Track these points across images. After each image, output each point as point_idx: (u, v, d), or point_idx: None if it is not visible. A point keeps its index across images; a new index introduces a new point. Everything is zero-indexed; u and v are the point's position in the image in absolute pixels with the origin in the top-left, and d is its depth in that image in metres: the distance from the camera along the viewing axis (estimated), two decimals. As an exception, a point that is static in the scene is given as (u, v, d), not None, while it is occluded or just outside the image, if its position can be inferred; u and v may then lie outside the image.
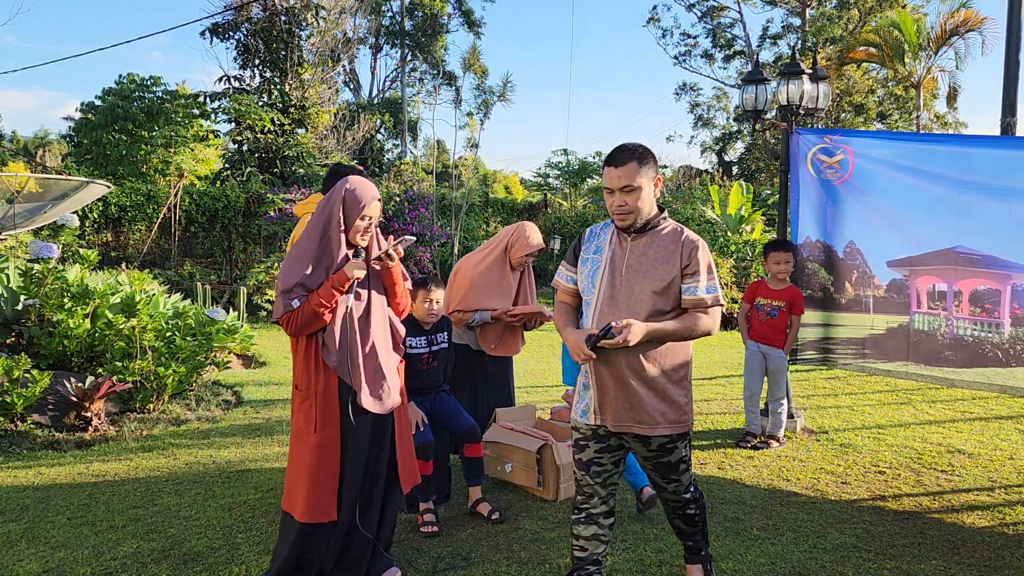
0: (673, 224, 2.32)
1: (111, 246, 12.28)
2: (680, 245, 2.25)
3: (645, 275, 2.22)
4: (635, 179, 2.20)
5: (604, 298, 2.25)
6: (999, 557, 2.92)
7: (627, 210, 2.22)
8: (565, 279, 2.43)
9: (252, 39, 13.98)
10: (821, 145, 4.54)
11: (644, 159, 2.23)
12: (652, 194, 2.26)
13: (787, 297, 4.38)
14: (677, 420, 2.26)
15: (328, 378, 2.47)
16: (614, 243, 2.31)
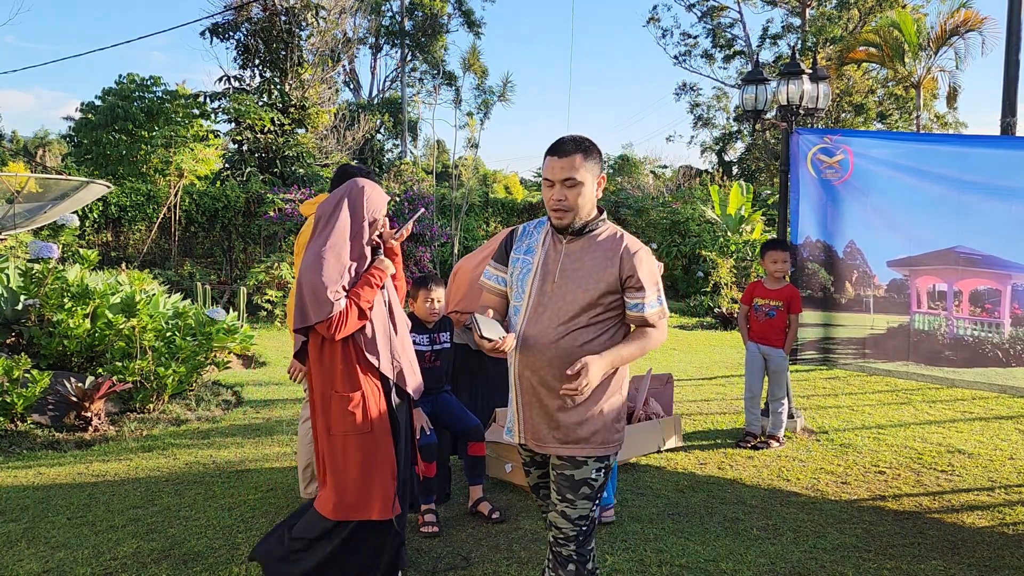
0: (612, 228, 2.11)
1: (111, 246, 12.28)
2: (619, 254, 2.03)
3: (579, 283, 2.02)
4: (578, 172, 2.00)
5: (534, 305, 2.05)
6: (999, 557, 2.92)
7: (566, 206, 2.01)
8: (493, 279, 2.21)
9: (252, 39, 13.98)
10: (821, 145, 4.54)
11: (589, 153, 2.03)
12: (595, 193, 2.06)
13: (784, 296, 4.38)
14: (602, 441, 2.04)
15: (372, 375, 2.45)
16: (547, 245, 2.10)
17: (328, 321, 2.31)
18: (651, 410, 4.38)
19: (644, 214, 14.63)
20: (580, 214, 2.04)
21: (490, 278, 2.22)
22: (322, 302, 2.31)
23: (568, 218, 2.03)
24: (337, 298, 2.32)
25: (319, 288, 2.31)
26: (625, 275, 2.03)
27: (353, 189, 2.48)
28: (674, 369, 6.61)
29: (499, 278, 2.19)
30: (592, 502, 2.05)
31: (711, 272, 11.21)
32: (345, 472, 2.41)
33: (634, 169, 21.48)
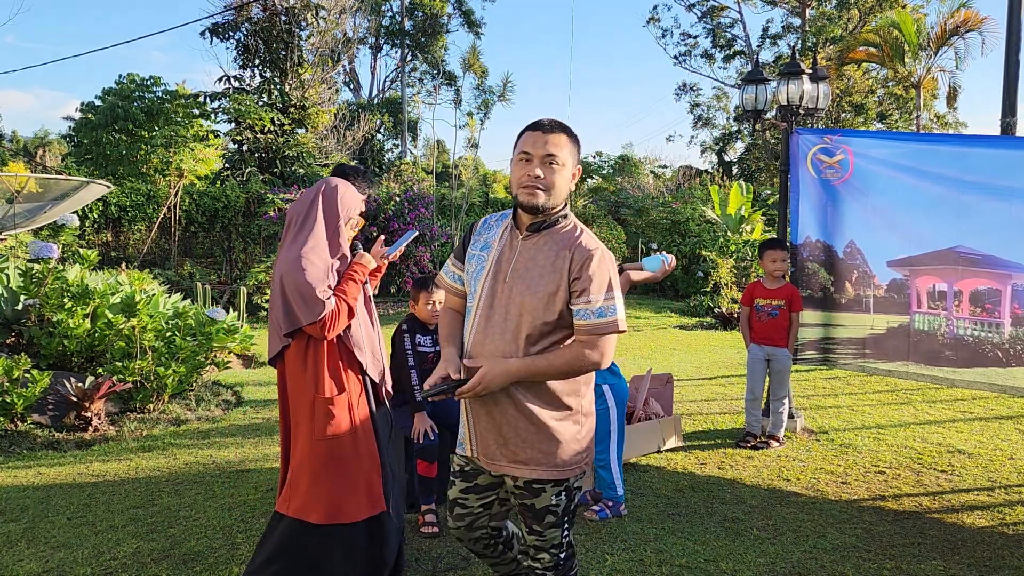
0: (574, 223, 1.89)
1: (111, 246, 12.28)
2: (571, 251, 1.81)
3: (528, 284, 1.80)
4: (561, 152, 1.81)
5: (482, 309, 1.85)
6: (999, 557, 2.92)
7: (543, 184, 1.80)
8: (451, 278, 2.01)
9: (252, 39, 13.98)
10: (821, 145, 4.54)
11: (574, 138, 1.86)
12: (570, 183, 1.87)
13: (785, 295, 4.38)
14: (558, 463, 1.85)
15: (356, 374, 2.43)
16: (504, 240, 1.89)
17: (320, 321, 2.28)
18: (651, 410, 4.38)
19: (644, 214, 14.63)
20: (553, 198, 1.83)
21: (448, 275, 2.03)
22: (312, 303, 2.27)
23: (541, 198, 1.81)
24: (327, 297, 2.30)
25: (307, 289, 2.27)
26: (572, 275, 1.79)
27: (326, 189, 2.45)
28: (674, 369, 6.61)
29: (456, 276, 2.00)
30: (561, 528, 1.90)
31: (711, 272, 11.21)
32: (335, 476, 2.37)
33: (634, 169, 21.47)
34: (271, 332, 2.45)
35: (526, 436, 1.83)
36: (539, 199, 1.82)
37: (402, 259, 11.08)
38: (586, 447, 1.92)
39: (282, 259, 2.38)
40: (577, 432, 1.89)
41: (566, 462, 1.86)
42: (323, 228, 2.39)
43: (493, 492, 1.96)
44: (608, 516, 3.26)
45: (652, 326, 9.77)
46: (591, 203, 16.29)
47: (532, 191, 1.81)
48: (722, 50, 25.06)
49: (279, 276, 2.36)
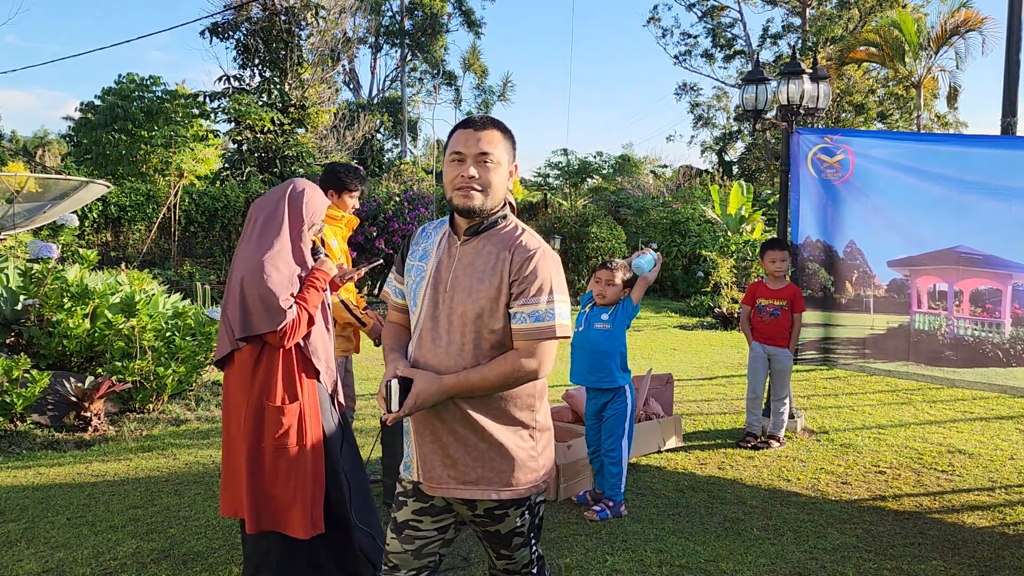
0: (515, 224, 1.77)
1: (111, 246, 12.28)
2: (511, 251, 1.69)
3: (469, 292, 1.68)
4: (495, 149, 1.69)
5: (425, 322, 1.72)
6: (999, 557, 2.92)
7: (479, 184, 1.68)
8: (395, 292, 1.87)
9: (252, 39, 13.98)
10: (821, 145, 4.54)
11: (508, 134, 1.75)
12: (507, 181, 1.75)
13: (787, 295, 4.37)
14: (512, 481, 1.71)
15: (311, 383, 2.37)
16: (442, 248, 1.77)
17: (281, 331, 2.23)
18: (651, 410, 4.38)
19: (644, 214, 14.63)
20: (491, 198, 1.70)
21: (392, 289, 1.88)
22: (274, 311, 2.23)
23: (477, 199, 1.69)
24: (288, 306, 2.25)
25: (270, 297, 2.23)
26: (512, 276, 1.67)
27: (292, 191, 2.39)
28: (674, 369, 6.61)
29: (399, 290, 1.86)
30: (530, 547, 1.80)
31: (711, 272, 11.21)
32: (271, 485, 2.31)
33: (634, 169, 21.47)
34: (221, 332, 2.38)
35: (476, 454, 1.69)
36: (475, 201, 1.69)
37: (402, 259, 11.07)
38: (544, 464, 1.78)
39: (243, 259, 2.32)
40: (532, 448, 1.74)
41: (521, 481, 1.72)
42: (287, 233, 2.34)
43: (451, 514, 1.78)
44: (608, 516, 3.26)
45: (652, 326, 9.77)
46: (591, 203, 16.29)
47: (467, 192, 1.68)
48: (722, 50, 25.06)
49: (239, 277, 2.29)
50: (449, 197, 1.72)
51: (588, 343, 3.34)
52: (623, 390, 3.34)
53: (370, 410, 5.18)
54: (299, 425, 2.33)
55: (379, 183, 13.22)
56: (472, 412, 1.68)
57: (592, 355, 3.32)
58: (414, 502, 1.77)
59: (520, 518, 1.76)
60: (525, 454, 1.73)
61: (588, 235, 12.56)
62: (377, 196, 11.11)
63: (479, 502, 1.72)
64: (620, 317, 3.32)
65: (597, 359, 3.31)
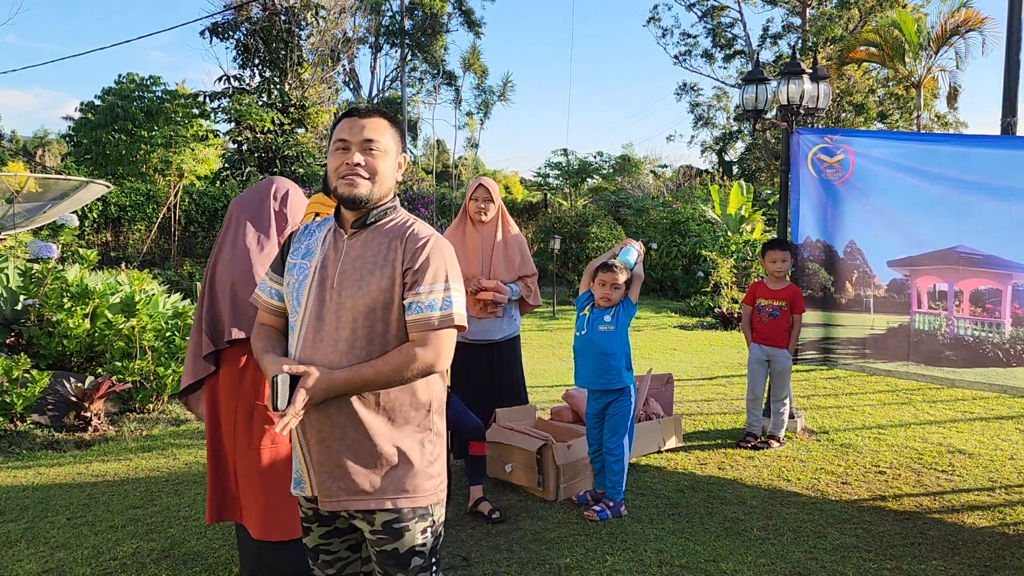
0: (405, 216, 1.71)
1: (111, 246, 12.29)
2: (403, 241, 1.63)
3: (359, 286, 1.60)
4: (382, 137, 1.65)
5: (310, 321, 1.62)
6: (1000, 557, 2.92)
7: (365, 172, 1.62)
8: (268, 293, 1.76)
9: (252, 39, 13.98)
10: (822, 145, 4.54)
11: (395, 123, 1.71)
12: (395, 171, 1.70)
13: (787, 296, 4.37)
14: (410, 488, 1.62)
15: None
16: (328, 243, 1.68)
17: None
18: (651, 410, 4.38)
19: (644, 214, 14.63)
20: (379, 186, 1.65)
21: (265, 291, 1.78)
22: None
23: (364, 187, 1.63)
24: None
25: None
26: (405, 266, 1.61)
27: (276, 192, 2.36)
28: (674, 369, 6.61)
29: (273, 291, 1.76)
30: (430, 571, 1.66)
31: (711, 272, 11.21)
32: (273, 488, 2.30)
33: (634, 169, 21.46)
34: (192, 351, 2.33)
35: (369, 462, 1.59)
36: (360, 188, 1.62)
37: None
38: (439, 471, 1.68)
39: (230, 260, 2.28)
40: (429, 454, 1.66)
41: (420, 488, 1.63)
42: (275, 234, 2.32)
43: (355, 533, 1.71)
44: (608, 516, 3.26)
45: (652, 326, 9.77)
46: (591, 203, 16.29)
47: (352, 180, 1.62)
48: (722, 50, 25.05)
49: (228, 280, 2.26)
50: (334, 186, 1.65)
51: (593, 346, 3.34)
52: (628, 389, 3.35)
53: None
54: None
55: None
56: (364, 417, 1.59)
57: (599, 358, 3.32)
58: (318, 527, 1.70)
59: (422, 534, 1.64)
60: (422, 459, 1.64)
61: (588, 235, 12.55)
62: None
63: (377, 514, 1.61)
64: (622, 317, 3.33)
65: (604, 361, 3.31)
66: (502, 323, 3.81)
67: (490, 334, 3.78)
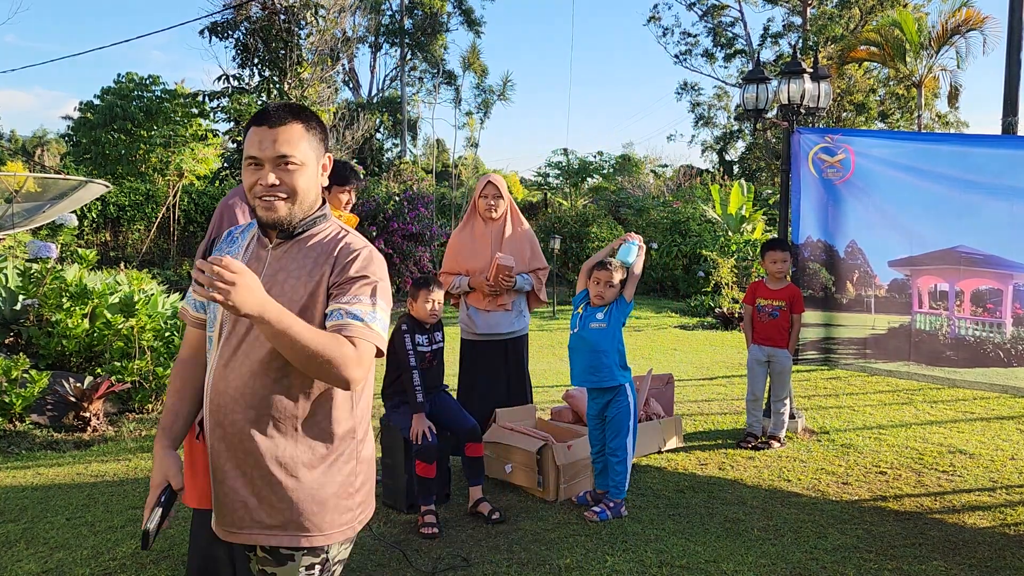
0: (336, 228, 1.56)
1: (110, 246, 12.28)
2: (334, 251, 1.49)
3: (282, 297, 1.45)
4: (297, 149, 1.47)
5: (226, 336, 1.49)
6: (1000, 557, 2.91)
7: (283, 192, 1.46)
8: (194, 306, 1.62)
9: (251, 38, 13.97)
10: (822, 144, 4.53)
11: (311, 125, 1.52)
12: (318, 179, 1.54)
13: (787, 296, 4.37)
14: (325, 525, 1.47)
15: None
16: (251, 252, 1.56)
17: None
18: (652, 410, 4.37)
19: (645, 214, 14.62)
20: (300, 205, 1.50)
21: (191, 304, 1.63)
22: None
23: (284, 210, 1.47)
24: None
25: None
26: (333, 278, 1.47)
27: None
28: (675, 369, 6.60)
29: (199, 303, 1.61)
30: None
31: (712, 272, 11.20)
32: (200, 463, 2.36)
33: (635, 169, 21.47)
34: None
35: (281, 493, 1.45)
36: (279, 212, 1.47)
37: (402, 259, 11.07)
38: (361, 501, 1.55)
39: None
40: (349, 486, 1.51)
41: (333, 524, 1.49)
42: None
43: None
44: (608, 517, 3.25)
45: (653, 326, 9.76)
46: (591, 203, 16.28)
47: (269, 204, 1.46)
48: (723, 49, 25.03)
49: None
50: (252, 206, 1.50)
51: (585, 343, 3.34)
52: (623, 388, 3.33)
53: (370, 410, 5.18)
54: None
55: (379, 183, 13.20)
56: (283, 442, 1.45)
57: (591, 355, 3.32)
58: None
59: (307, 570, 1.48)
60: (341, 491, 1.50)
61: (588, 235, 12.55)
62: (377, 196, 11.10)
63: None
64: (616, 315, 3.32)
65: (596, 358, 3.30)
66: (511, 318, 3.83)
67: (499, 328, 3.80)
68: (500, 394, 3.87)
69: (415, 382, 3.17)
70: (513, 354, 3.88)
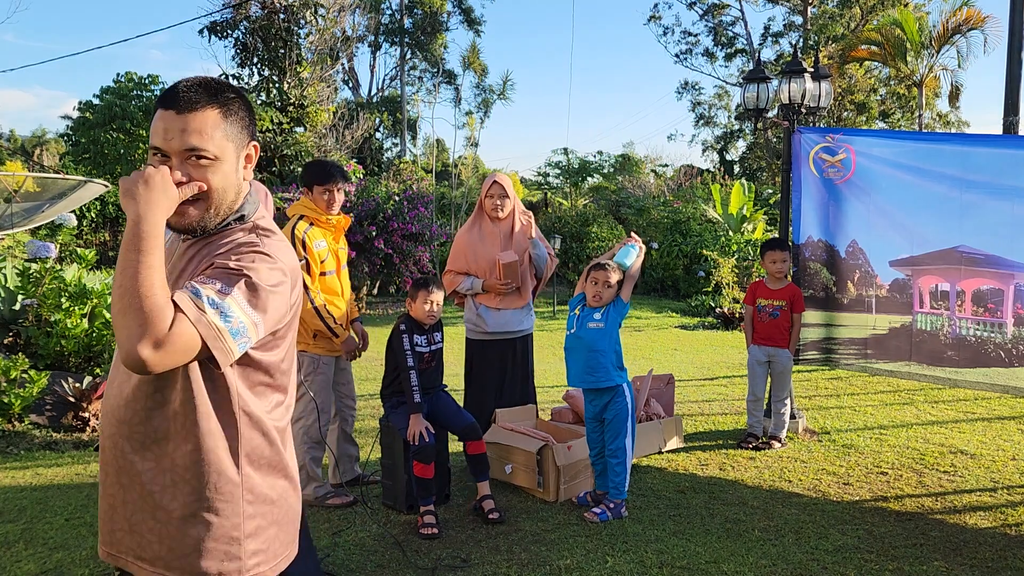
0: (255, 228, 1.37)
1: (109, 245, 12.27)
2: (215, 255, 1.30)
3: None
4: (212, 140, 1.25)
5: None
6: (1001, 558, 2.90)
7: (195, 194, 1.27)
8: None
9: (250, 37, 13.96)
10: (823, 144, 4.52)
11: (230, 106, 1.29)
12: (239, 173, 1.33)
13: (787, 296, 4.36)
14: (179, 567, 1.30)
15: None
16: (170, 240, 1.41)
17: None
18: (652, 411, 4.36)
19: (645, 213, 14.61)
20: (216, 208, 1.30)
21: None
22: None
23: (194, 215, 1.28)
24: None
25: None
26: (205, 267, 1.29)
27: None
28: (675, 369, 6.59)
29: None
30: None
31: (712, 272, 11.19)
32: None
33: (635, 168, 21.45)
34: None
35: (149, 523, 1.29)
36: (189, 218, 1.28)
37: (402, 259, 11.06)
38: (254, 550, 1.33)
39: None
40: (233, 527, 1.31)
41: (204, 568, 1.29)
42: None
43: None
44: (609, 518, 3.24)
45: (653, 326, 9.76)
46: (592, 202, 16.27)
47: (181, 213, 1.27)
48: (723, 48, 25.02)
49: None
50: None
51: (582, 344, 3.33)
52: (621, 389, 3.32)
53: (369, 411, 5.17)
54: None
55: (378, 182, 13.19)
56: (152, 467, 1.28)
57: (588, 355, 3.31)
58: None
59: None
60: (219, 534, 1.29)
61: (588, 235, 12.54)
62: (376, 195, 11.08)
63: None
64: (612, 316, 3.32)
65: (593, 358, 3.30)
66: (521, 315, 3.86)
67: (509, 326, 3.82)
68: (515, 392, 3.89)
69: (412, 382, 3.16)
70: (523, 352, 3.91)
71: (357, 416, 3.79)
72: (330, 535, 3.10)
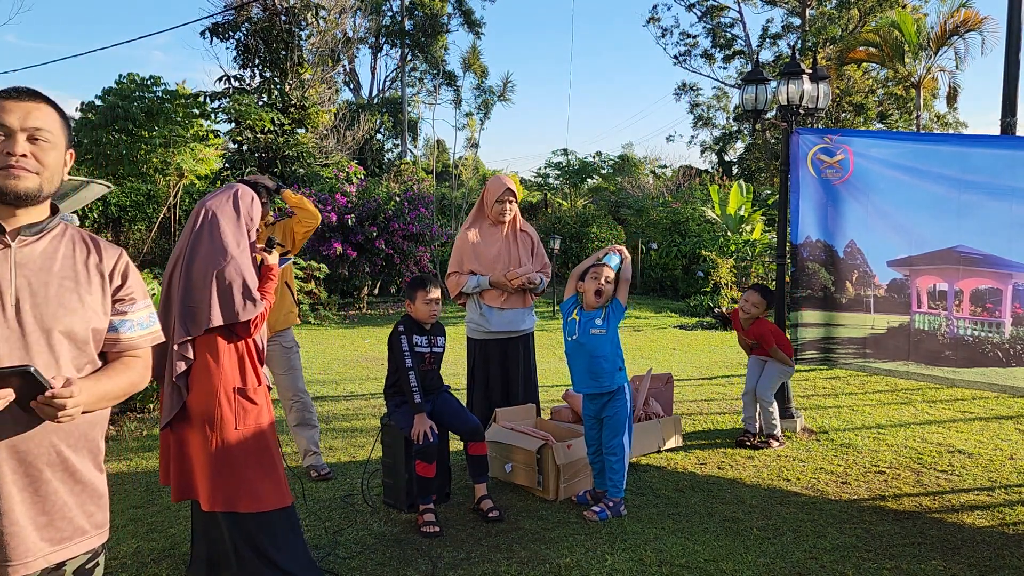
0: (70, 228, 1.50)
1: (111, 246, 12.29)
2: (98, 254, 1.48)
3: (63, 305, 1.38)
4: (53, 126, 1.42)
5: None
6: (999, 557, 2.92)
7: (32, 166, 1.37)
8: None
9: (252, 39, 13.98)
10: (821, 145, 4.54)
11: (63, 114, 1.47)
12: (63, 170, 1.46)
13: (754, 335, 4.45)
14: (103, 521, 1.49)
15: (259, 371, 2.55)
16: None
17: (257, 318, 2.45)
18: (651, 410, 4.38)
19: (644, 214, 14.64)
20: (48, 183, 1.41)
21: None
22: (254, 300, 2.43)
23: (32, 181, 1.38)
24: (260, 297, 2.48)
25: (249, 286, 2.43)
26: (116, 283, 1.48)
27: (243, 196, 2.57)
28: (674, 369, 6.61)
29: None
30: None
31: (711, 272, 11.22)
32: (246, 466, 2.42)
33: (634, 169, 21.48)
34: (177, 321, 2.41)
35: (74, 503, 1.42)
36: (28, 182, 1.37)
37: (402, 259, 11.07)
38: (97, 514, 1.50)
39: (207, 253, 2.41)
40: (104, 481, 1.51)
41: (105, 520, 1.50)
42: (246, 233, 2.53)
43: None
44: (608, 516, 3.26)
45: (652, 326, 9.77)
46: (591, 203, 16.29)
47: (16, 173, 1.35)
48: (722, 50, 25.05)
49: (209, 270, 2.39)
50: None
51: (585, 350, 3.35)
52: (621, 389, 3.35)
53: (371, 410, 5.18)
54: (266, 407, 2.53)
55: (379, 183, 13.21)
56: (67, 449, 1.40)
57: (591, 361, 3.33)
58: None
59: (99, 569, 1.50)
60: (105, 488, 1.51)
61: (588, 235, 12.56)
62: (377, 196, 11.11)
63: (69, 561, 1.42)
64: (612, 319, 3.35)
65: (597, 364, 3.32)
66: (525, 315, 3.91)
67: (513, 325, 3.85)
68: (519, 389, 3.92)
69: (412, 383, 3.18)
70: (525, 349, 3.94)
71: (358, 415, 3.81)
72: (331, 534, 3.12)
